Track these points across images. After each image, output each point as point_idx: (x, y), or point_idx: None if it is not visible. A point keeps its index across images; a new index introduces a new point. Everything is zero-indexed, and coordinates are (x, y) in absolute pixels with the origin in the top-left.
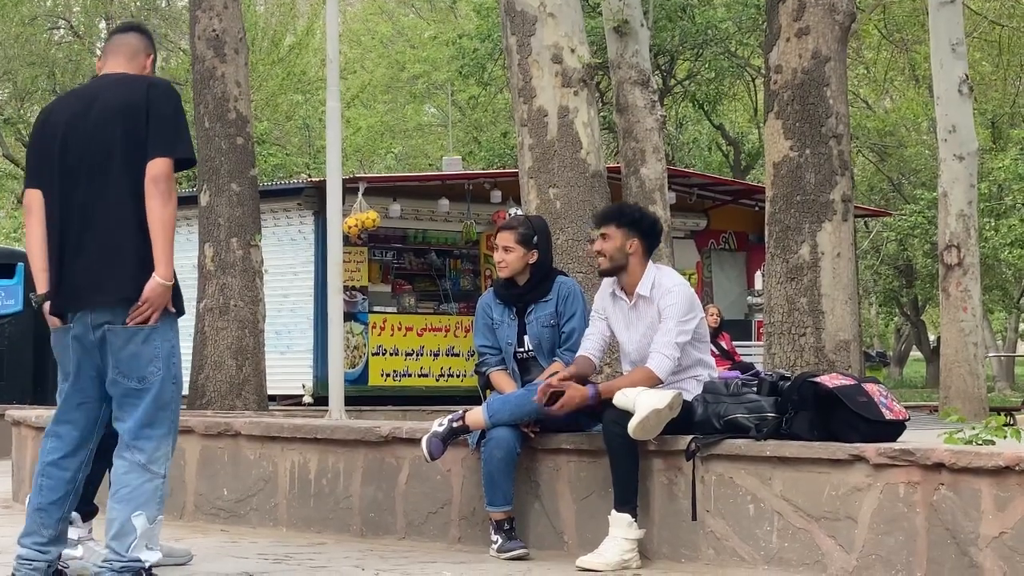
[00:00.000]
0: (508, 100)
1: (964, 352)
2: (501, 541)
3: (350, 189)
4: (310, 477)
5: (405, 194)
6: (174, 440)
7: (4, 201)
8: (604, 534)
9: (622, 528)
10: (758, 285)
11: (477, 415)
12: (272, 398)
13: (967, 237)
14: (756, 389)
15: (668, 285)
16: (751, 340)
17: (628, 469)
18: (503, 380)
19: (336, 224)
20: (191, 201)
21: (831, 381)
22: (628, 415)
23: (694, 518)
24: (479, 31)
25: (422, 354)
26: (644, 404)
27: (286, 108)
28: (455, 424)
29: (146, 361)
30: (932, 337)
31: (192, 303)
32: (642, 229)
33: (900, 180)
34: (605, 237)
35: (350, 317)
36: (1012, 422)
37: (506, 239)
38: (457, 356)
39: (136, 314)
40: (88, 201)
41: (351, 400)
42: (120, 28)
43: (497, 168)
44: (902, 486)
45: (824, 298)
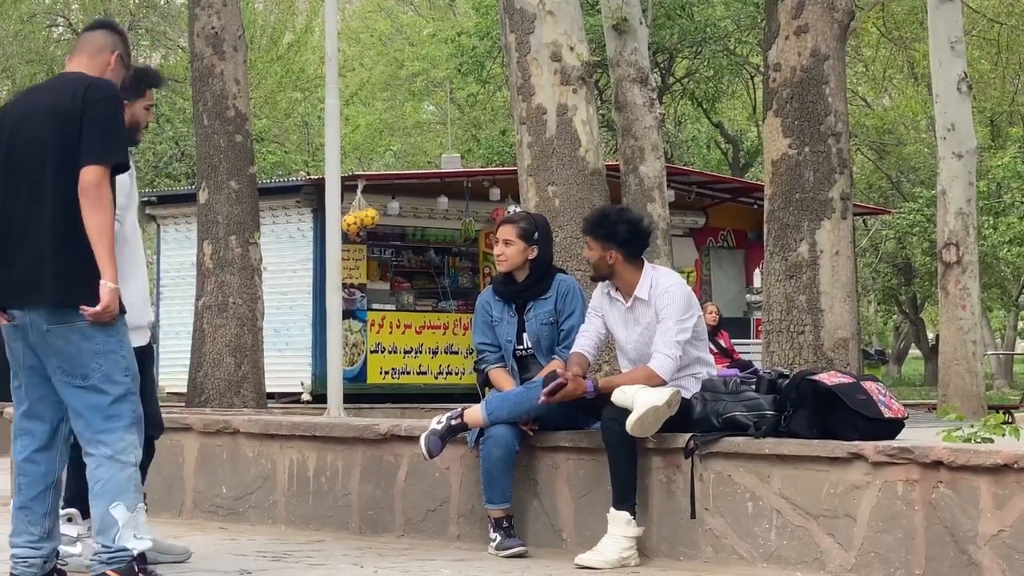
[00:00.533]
0: (507, 98)
1: (963, 350)
2: (500, 539)
3: (349, 187)
4: (309, 475)
5: (404, 192)
6: (140, 430)
7: None
8: (603, 532)
9: (621, 526)
10: (757, 283)
11: (476, 413)
12: (271, 396)
13: (966, 235)
14: (755, 387)
15: (665, 285)
16: (750, 338)
17: (627, 467)
18: (502, 378)
19: (335, 222)
20: (190, 199)
21: (830, 379)
22: (626, 413)
23: (693, 516)
24: (478, 29)
25: (421, 352)
26: (642, 402)
27: (285, 106)
28: (454, 422)
29: (88, 358)
30: (931, 335)
31: (191, 300)
32: (619, 239)
33: (899, 178)
34: (588, 247)
35: (349, 315)
36: (1010, 420)
37: (507, 232)
38: (456, 354)
39: (96, 318)
40: (26, 202)
41: (350, 398)
42: (89, 26)
43: (496, 166)
44: (901, 484)
45: (823, 296)
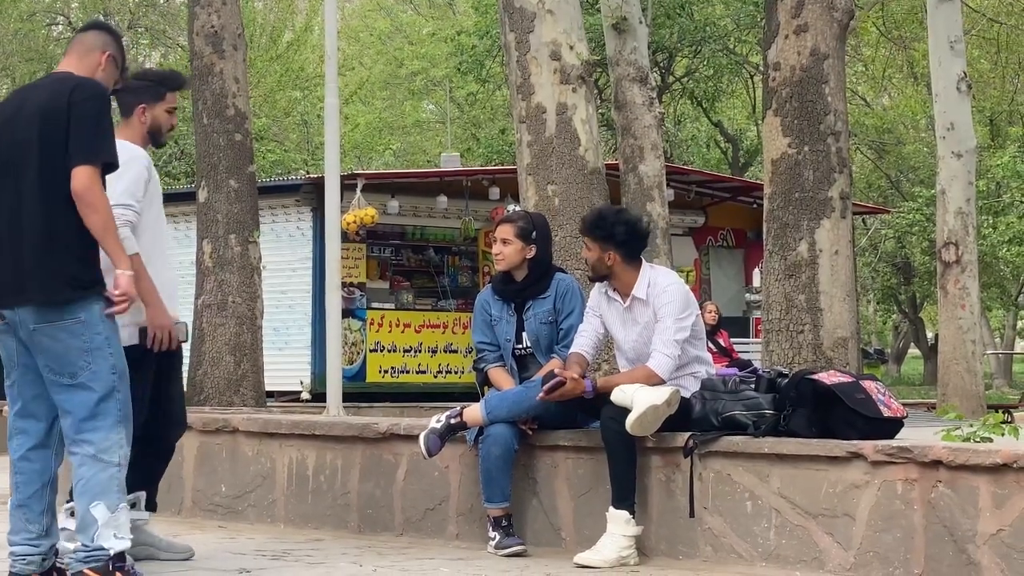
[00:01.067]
0: (506, 97)
1: (962, 349)
2: (499, 538)
3: (348, 186)
4: (308, 473)
5: (403, 191)
6: (127, 428)
7: None
8: (602, 531)
9: (620, 525)
10: (756, 282)
11: (475, 412)
12: (270, 394)
13: (965, 234)
14: (754, 386)
15: (663, 284)
16: (749, 337)
17: (626, 466)
18: (501, 377)
19: (334, 220)
20: (189, 197)
21: (829, 378)
22: (626, 412)
23: (692, 515)
24: (477, 28)
25: (420, 351)
26: (642, 401)
27: (284, 104)
28: (453, 421)
29: (76, 356)
30: (930, 334)
31: (190, 299)
32: (617, 240)
33: (898, 177)
34: (587, 247)
35: (348, 313)
36: (1010, 419)
37: (505, 232)
38: (455, 352)
39: (116, 308)
40: (11, 202)
41: (349, 396)
42: (83, 27)
43: (495, 165)
44: (900, 483)
45: (822, 295)
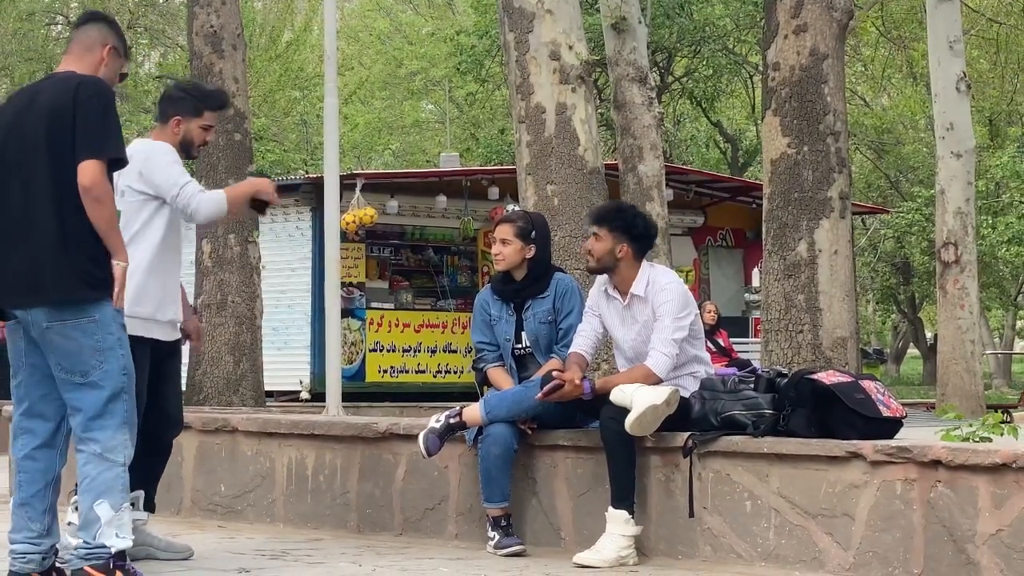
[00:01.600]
0: (506, 97)
1: (961, 349)
2: (498, 537)
3: (348, 185)
4: (307, 473)
5: (403, 190)
6: (132, 429)
7: None
8: (601, 531)
9: (619, 525)
10: (755, 282)
11: (474, 411)
12: (269, 394)
13: (964, 234)
14: (753, 386)
15: (662, 283)
16: (748, 337)
17: (625, 466)
18: (500, 376)
19: (333, 220)
20: None
21: (828, 378)
22: (625, 412)
23: (691, 515)
24: (477, 27)
25: (419, 350)
26: (641, 400)
27: (284, 104)
28: (452, 420)
29: (88, 355)
30: (929, 334)
31: (190, 299)
32: (633, 234)
33: (898, 177)
34: (597, 237)
35: (347, 313)
36: (1009, 419)
37: (504, 232)
38: (454, 352)
39: (117, 300)
40: (19, 202)
41: (348, 396)
42: (80, 20)
43: (495, 165)
44: (899, 483)
45: (821, 295)
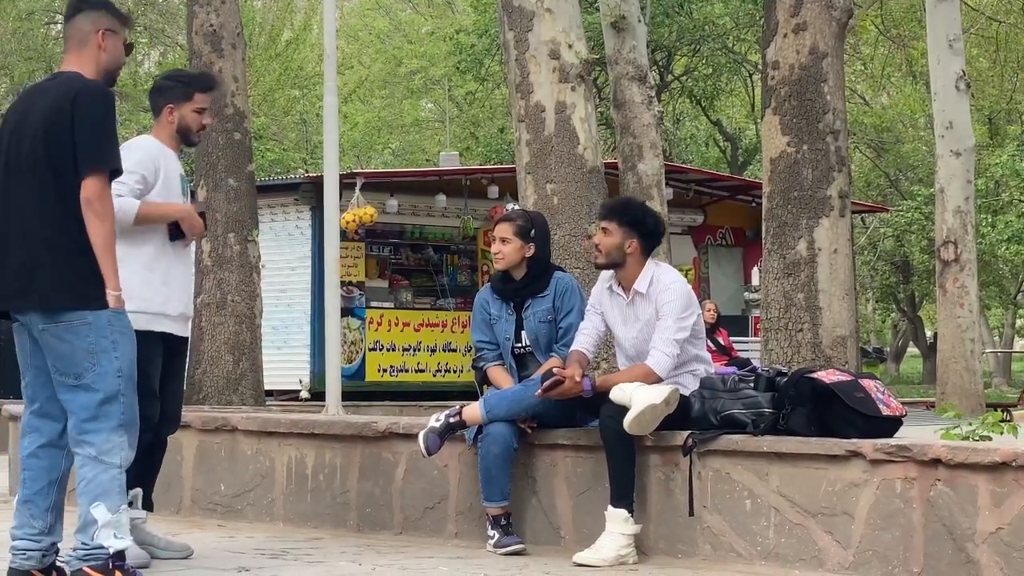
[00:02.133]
0: (505, 96)
1: (961, 348)
2: (498, 536)
3: (347, 184)
4: (307, 472)
5: (402, 190)
6: (130, 432)
7: None
8: (601, 529)
9: (619, 523)
10: (755, 281)
11: (474, 411)
12: (269, 393)
13: (964, 233)
14: (753, 385)
15: (666, 282)
16: (748, 336)
17: (625, 464)
18: (500, 375)
19: (333, 219)
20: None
21: (828, 377)
22: (624, 411)
23: (691, 514)
24: (476, 26)
25: (419, 350)
26: (640, 399)
27: (283, 103)
28: (452, 419)
29: (80, 357)
30: (929, 333)
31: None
32: (643, 230)
33: (897, 176)
34: (605, 231)
35: (347, 312)
36: (1009, 418)
37: (503, 231)
38: (454, 351)
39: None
40: (18, 205)
41: (348, 395)
42: (68, 13)
43: (494, 164)
44: (899, 482)
45: (821, 294)
